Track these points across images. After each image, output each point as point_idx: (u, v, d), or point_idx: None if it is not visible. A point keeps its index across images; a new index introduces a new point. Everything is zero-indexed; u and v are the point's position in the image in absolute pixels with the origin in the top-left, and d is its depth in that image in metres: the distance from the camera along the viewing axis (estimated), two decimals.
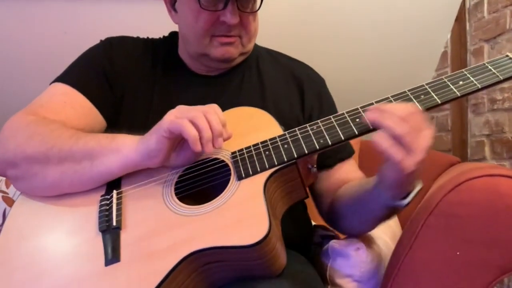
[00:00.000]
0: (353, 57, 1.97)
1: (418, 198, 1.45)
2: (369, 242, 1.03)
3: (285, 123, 0.86)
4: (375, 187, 0.80)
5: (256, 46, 1.12)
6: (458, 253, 0.69)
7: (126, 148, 0.80)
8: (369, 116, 0.72)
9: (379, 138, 0.69)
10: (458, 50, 1.93)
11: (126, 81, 1.01)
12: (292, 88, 1.07)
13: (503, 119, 1.64)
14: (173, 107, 0.99)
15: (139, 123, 0.96)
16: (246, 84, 1.05)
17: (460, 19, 1.92)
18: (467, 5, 1.89)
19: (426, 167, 1.51)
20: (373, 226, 0.94)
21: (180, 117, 0.75)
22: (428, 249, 0.72)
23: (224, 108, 0.85)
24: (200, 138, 0.74)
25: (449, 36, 2.01)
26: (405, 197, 0.76)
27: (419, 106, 0.76)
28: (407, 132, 0.66)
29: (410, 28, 1.94)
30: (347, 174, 1.02)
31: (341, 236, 1.12)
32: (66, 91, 0.96)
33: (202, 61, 1.01)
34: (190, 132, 0.73)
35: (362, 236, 1.08)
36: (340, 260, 0.97)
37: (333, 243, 0.99)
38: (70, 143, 0.81)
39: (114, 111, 1.00)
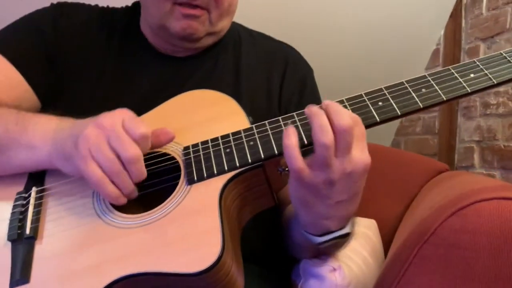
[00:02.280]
0: (338, 48, 1.83)
1: (400, 207, 1.35)
2: (346, 261, 0.88)
3: (260, 119, 0.70)
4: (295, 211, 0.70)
5: (235, 25, 0.95)
6: None
7: (37, 149, 0.65)
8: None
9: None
10: (452, 48, 1.80)
11: (73, 57, 0.85)
12: (273, 76, 0.91)
13: (496, 125, 1.52)
14: (126, 92, 0.83)
15: (82, 108, 0.80)
16: (218, 71, 0.89)
17: (455, 15, 1.80)
18: (464, 0, 1.75)
19: (411, 172, 1.41)
20: (308, 256, 0.82)
21: (97, 162, 0.58)
22: (422, 286, 0.57)
23: None
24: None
25: (442, 32, 1.88)
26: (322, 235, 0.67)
27: (398, 110, 0.63)
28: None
29: (400, 22, 1.81)
30: None
31: None
32: None
33: (162, 36, 0.85)
34: (109, 194, 0.59)
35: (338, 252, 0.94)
36: (312, 281, 0.81)
37: (306, 261, 0.83)
38: None
39: (53, 91, 0.83)
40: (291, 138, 0.58)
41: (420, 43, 1.95)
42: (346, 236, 0.69)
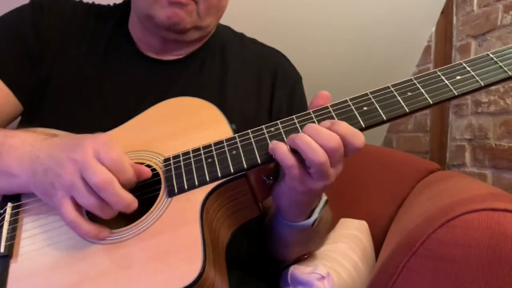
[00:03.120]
0: (327, 46, 1.80)
1: (392, 207, 1.33)
2: (336, 267, 0.87)
3: (250, 127, 0.69)
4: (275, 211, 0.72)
5: (223, 27, 0.93)
6: None
7: (16, 177, 0.62)
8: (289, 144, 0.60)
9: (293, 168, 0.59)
10: (443, 46, 1.78)
11: (55, 58, 0.82)
12: (262, 84, 0.89)
13: (487, 123, 1.51)
14: (110, 95, 0.81)
15: (65, 112, 0.79)
16: (205, 75, 0.86)
17: (446, 12, 1.77)
18: None
19: (402, 172, 1.40)
20: (297, 253, 0.84)
21: (76, 201, 0.57)
22: None
23: None
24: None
25: (433, 29, 1.86)
26: (309, 216, 0.69)
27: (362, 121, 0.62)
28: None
29: (392, 18, 1.78)
30: None
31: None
32: None
33: (149, 28, 0.82)
34: (84, 235, 0.58)
35: (327, 257, 0.92)
36: None
37: (294, 268, 0.82)
38: None
39: (35, 95, 0.81)
40: (280, 147, 0.59)
41: (411, 40, 1.92)
42: (326, 204, 0.71)
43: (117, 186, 0.56)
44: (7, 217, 0.62)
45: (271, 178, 0.65)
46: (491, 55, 0.63)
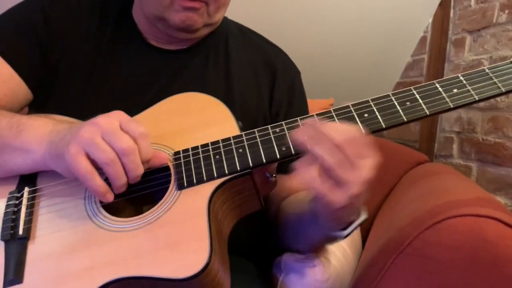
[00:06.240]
0: (322, 30, 1.82)
1: (379, 196, 1.39)
2: (327, 255, 0.93)
3: (251, 120, 0.71)
4: (310, 213, 0.67)
5: (226, 20, 0.95)
6: None
7: (32, 152, 0.65)
8: (294, 139, 0.57)
9: (301, 168, 0.55)
10: (439, 38, 1.81)
11: (64, 46, 0.84)
12: (263, 77, 0.92)
13: (476, 118, 1.56)
14: (117, 83, 0.84)
15: (74, 99, 0.82)
16: (210, 66, 0.89)
17: (444, 4, 1.80)
18: None
19: (391, 162, 1.45)
20: (313, 249, 0.85)
21: (90, 155, 0.59)
22: None
23: (179, 92, 0.74)
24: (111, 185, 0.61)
25: (430, 20, 1.89)
26: (345, 228, 0.64)
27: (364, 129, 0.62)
28: (338, 163, 0.53)
29: (390, 5, 1.80)
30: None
31: None
32: None
33: (159, 26, 0.84)
34: (96, 189, 0.60)
35: None
36: (293, 276, 0.85)
37: (288, 255, 0.87)
38: None
39: (45, 82, 0.83)
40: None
41: (408, 29, 1.94)
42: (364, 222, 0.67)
43: (138, 156, 0.60)
44: (25, 201, 0.66)
45: (274, 175, 0.70)
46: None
